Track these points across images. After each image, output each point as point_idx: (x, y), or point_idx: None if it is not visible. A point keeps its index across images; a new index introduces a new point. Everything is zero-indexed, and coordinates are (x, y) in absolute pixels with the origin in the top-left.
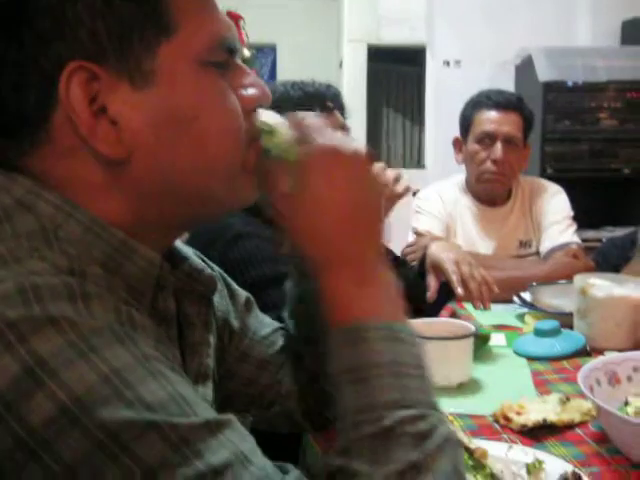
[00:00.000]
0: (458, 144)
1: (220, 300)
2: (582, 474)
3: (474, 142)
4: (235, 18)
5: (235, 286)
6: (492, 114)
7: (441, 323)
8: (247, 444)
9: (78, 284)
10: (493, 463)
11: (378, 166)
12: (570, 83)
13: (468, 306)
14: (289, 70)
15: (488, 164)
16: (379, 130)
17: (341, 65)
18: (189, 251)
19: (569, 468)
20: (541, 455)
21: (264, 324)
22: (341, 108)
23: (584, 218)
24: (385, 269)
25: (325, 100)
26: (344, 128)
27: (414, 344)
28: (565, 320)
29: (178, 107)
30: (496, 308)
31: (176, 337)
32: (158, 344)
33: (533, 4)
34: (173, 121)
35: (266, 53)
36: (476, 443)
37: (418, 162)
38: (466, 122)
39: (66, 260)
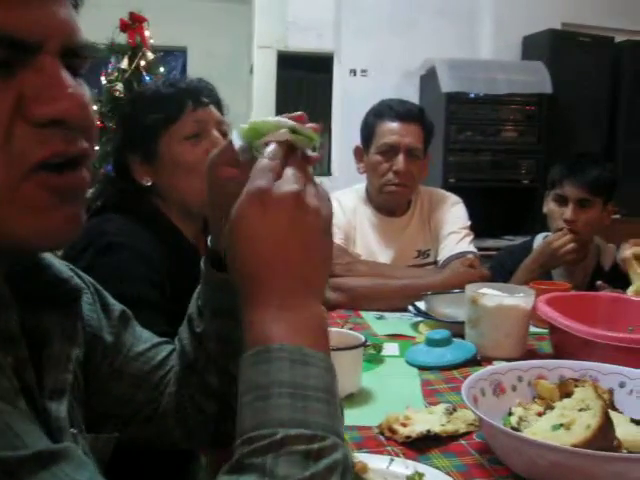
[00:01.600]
0: (359, 153)
1: (91, 313)
2: None
3: (376, 153)
4: (139, 20)
5: (110, 299)
6: (394, 125)
7: (331, 333)
8: (85, 473)
9: None
10: (373, 477)
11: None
12: (472, 95)
13: (365, 315)
14: (200, 74)
15: (390, 175)
16: None
17: (251, 71)
18: (55, 262)
19: (445, 479)
20: (422, 468)
21: (141, 339)
22: (217, 103)
23: (485, 227)
24: (309, 298)
25: (199, 95)
26: (221, 123)
27: (326, 370)
28: (457, 329)
29: None
30: (391, 317)
31: (28, 356)
32: None
33: (439, 17)
34: None
35: (176, 56)
36: (358, 456)
37: (328, 170)
38: (368, 132)
39: None
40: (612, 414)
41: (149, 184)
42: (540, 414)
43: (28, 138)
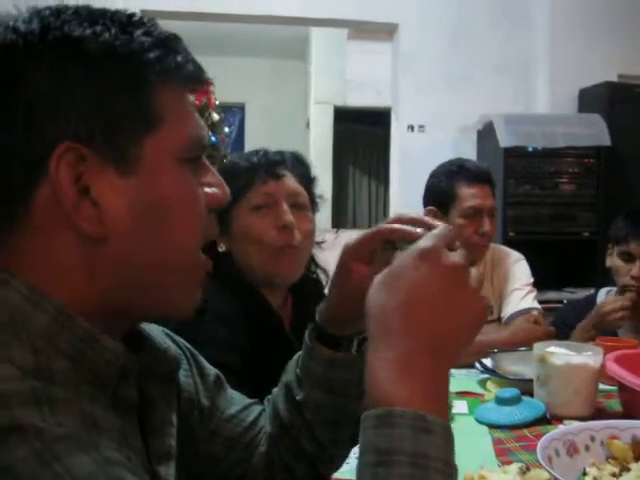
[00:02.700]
0: (434, 215)
1: (186, 379)
2: None
3: (459, 217)
4: (206, 83)
5: (205, 363)
6: (476, 189)
7: None
8: None
9: (44, 389)
10: None
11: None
12: (530, 149)
13: None
14: (257, 129)
15: (476, 238)
16: (345, 189)
17: (308, 125)
18: (153, 329)
19: None
20: None
21: (233, 402)
22: (301, 175)
23: (545, 280)
24: (439, 363)
25: (273, 167)
26: (296, 195)
27: (446, 440)
28: (525, 387)
29: (156, 197)
30: (459, 374)
31: (137, 423)
32: (121, 444)
33: (495, 72)
34: (150, 210)
35: (235, 112)
36: None
37: None
38: (445, 194)
39: (32, 357)
40: None
41: (223, 250)
42: (614, 475)
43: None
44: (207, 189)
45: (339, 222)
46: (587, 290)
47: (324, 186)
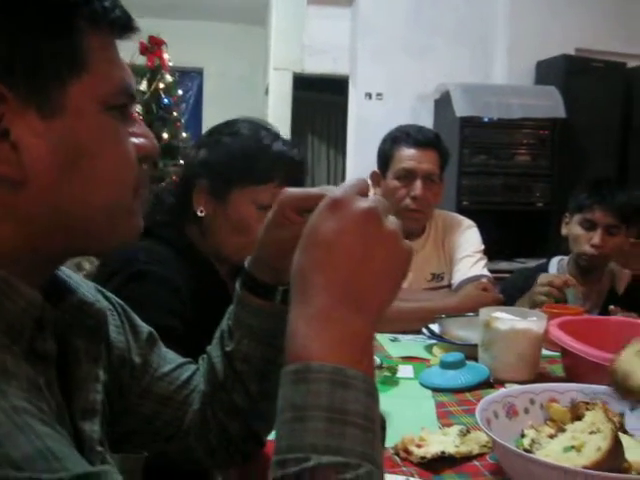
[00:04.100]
0: (376, 178)
1: (117, 335)
2: None
3: (393, 178)
4: (158, 43)
5: (138, 321)
6: (412, 151)
7: None
8: None
9: None
10: None
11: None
12: (486, 119)
13: (379, 337)
14: (216, 95)
15: (408, 200)
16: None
17: (267, 92)
18: (80, 282)
19: None
20: None
21: (167, 360)
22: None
23: (498, 250)
24: (359, 315)
25: (290, 172)
26: None
27: (367, 394)
28: (471, 352)
29: (80, 142)
30: (406, 339)
31: (55, 377)
32: (31, 393)
33: (453, 42)
34: (73, 155)
35: (193, 77)
36: None
37: None
38: (385, 157)
39: None
40: (622, 437)
41: (201, 214)
42: (552, 436)
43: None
44: (134, 139)
45: None
46: (539, 260)
47: None
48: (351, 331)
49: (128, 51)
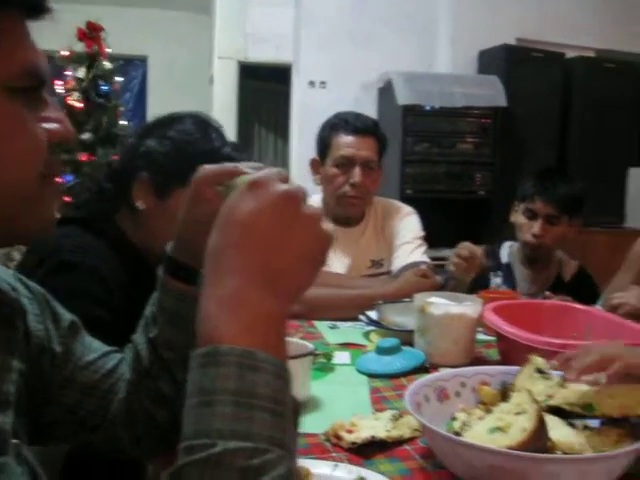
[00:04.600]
0: (316, 165)
1: (37, 324)
2: None
3: (332, 165)
4: (96, 29)
5: (60, 309)
6: (350, 139)
7: None
8: None
9: None
10: None
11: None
12: (428, 107)
13: (318, 324)
14: (160, 84)
15: (346, 187)
16: (251, 147)
17: (212, 81)
18: (1, 273)
19: None
20: (365, 473)
21: (91, 349)
22: None
23: (441, 237)
24: (273, 297)
25: None
26: None
27: (277, 377)
28: (407, 337)
29: None
30: (344, 326)
31: None
32: None
33: (397, 31)
34: None
35: (137, 66)
36: (301, 463)
37: None
38: (324, 145)
39: None
40: (548, 417)
41: (140, 207)
42: (482, 419)
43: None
44: (47, 124)
45: None
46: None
47: None
48: (264, 313)
49: (67, 37)
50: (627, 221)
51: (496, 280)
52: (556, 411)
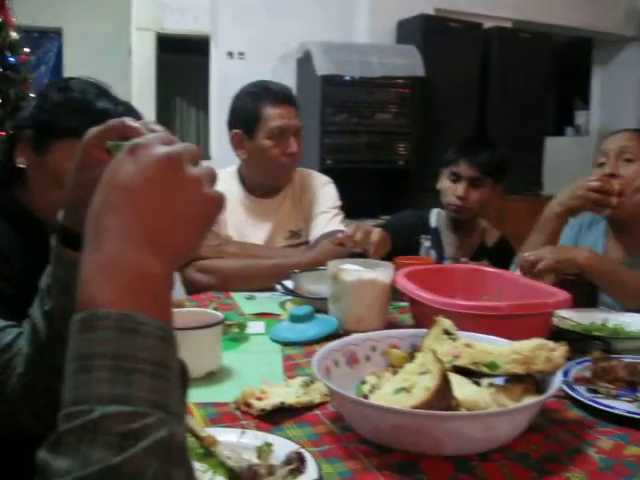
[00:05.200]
0: (239, 139)
1: None
2: (305, 453)
3: (265, 138)
4: None
5: None
6: (281, 109)
7: (189, 313)
8: None
9: None
10: (222, 450)
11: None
12: (347, 77)
13: (235, 295)
14: (77, 57)
15: (284, 158)
16: (172, 121)
17: (130, 53)
18: None
19: (295, 448)
20: (272, 438)
21: None
22: None
23: (362, 207)
24: (154, 258)
25: None
26: None
27: (160, 340)
28: (322, 305)
29: None
30: (261, 297)
31: None
32: None
33: (315, 1)
34: None
35: (52, 38)
36: (207, 431)
37: (207, 153)
38: (250, 117)
39: None
40: (454, 376)
41: (22, 166)
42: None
43: None
44: None
45: None
46: None
47: (147, 117)
48: (145, 275)
49: None
50: (545, 188)
51: (425, 244)
52: (463, 371)
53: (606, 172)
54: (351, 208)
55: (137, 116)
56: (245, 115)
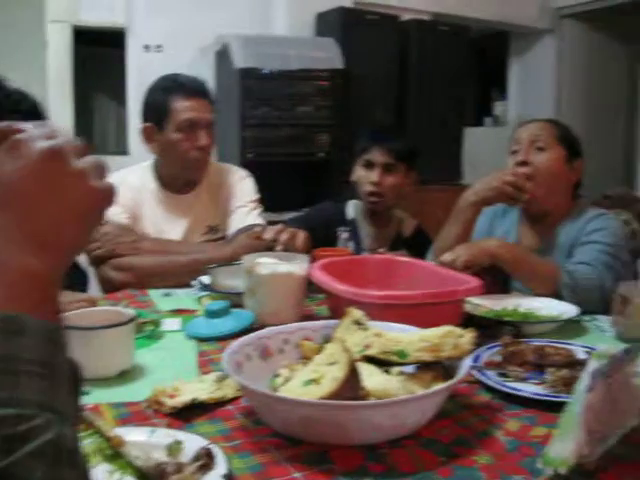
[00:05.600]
0: (150, 133)
1: None
2: (214, 448)
3: (175, 131)
4: None
5: None
6: (191, 102)
7: (100, 312)
8: None
9: None
10: (130, 450)
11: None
12: (266, 70)
13: (151, 292)
14: None
15: (195, 152)
16: (91, 116)
17: (45, 47)
18: None
19: (204, 444)
20: (182, 436)
21: None
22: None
23: (284, 200)
24: (41, 260)
25: None
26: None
27: (47, 341)
28: (238, 300)
29: None
30: (178, 293)
31: None
32: None
33: None
34: None
35: None
36: (115, 431)
37: (125, 148)
38: (160, 110)
39: None
40: (365, 366)
41: None
42: None
43: None
44: None
45: None
46: None
47: (63, 114)
48: (28, 275)
49: None
50: (464, 178)
51: (343, 236)
52: (374, 361)
53: (518, 159)
54: (273, 201)
55: (31, 106)
56: (155, 108)
